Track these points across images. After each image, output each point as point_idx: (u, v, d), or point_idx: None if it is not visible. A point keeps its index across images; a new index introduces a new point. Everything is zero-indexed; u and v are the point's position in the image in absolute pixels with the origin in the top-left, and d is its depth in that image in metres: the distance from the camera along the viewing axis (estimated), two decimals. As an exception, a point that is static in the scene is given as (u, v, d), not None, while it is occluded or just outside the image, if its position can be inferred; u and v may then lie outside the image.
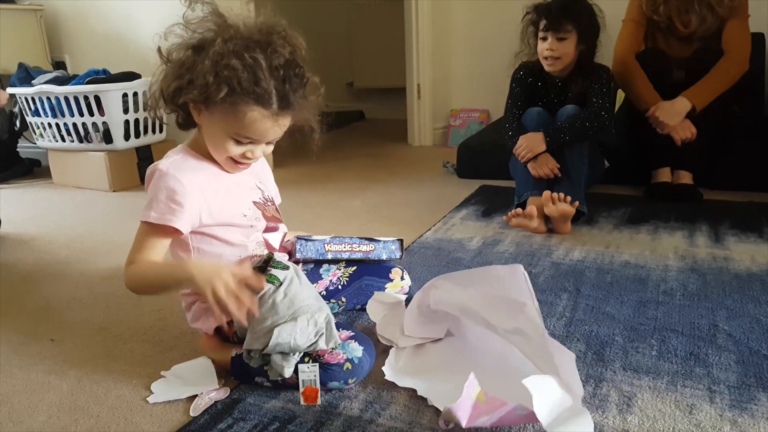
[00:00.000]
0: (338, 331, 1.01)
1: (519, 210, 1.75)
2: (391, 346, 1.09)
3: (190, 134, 1.08)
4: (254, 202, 1.10)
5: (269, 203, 1.16)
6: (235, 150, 1.00)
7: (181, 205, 0.97)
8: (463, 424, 0.83)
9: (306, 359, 0.96)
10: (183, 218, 0.98)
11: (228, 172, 1.06)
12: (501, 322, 0.92)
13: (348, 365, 0.97)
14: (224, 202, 1.04)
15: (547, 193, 1.69)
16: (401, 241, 1.28)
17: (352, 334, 1.02)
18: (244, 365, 0.99)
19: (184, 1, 0.97)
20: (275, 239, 1.15)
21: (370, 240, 1.25)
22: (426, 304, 1.04)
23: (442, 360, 1.05)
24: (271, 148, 1.04)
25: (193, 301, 1.10)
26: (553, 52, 1.83)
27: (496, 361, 1.00)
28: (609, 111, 1.84)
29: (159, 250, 0.99)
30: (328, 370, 0.96)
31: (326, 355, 0.97)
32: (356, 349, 0.98)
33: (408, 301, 1.17)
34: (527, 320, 0.89)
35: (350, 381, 0.97)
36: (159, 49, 0.98)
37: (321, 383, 0.95)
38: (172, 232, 0.99)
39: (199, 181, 1.01)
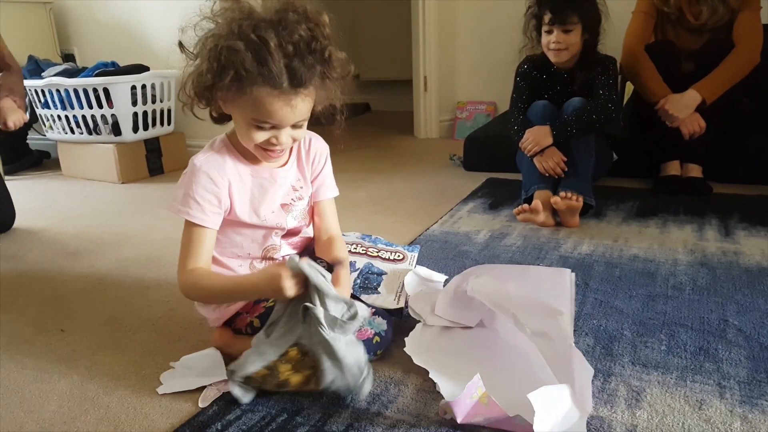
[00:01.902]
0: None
1: (525, 206, 1.75)
2: (419, 322, 1.10)
3: (227, 127, 1.06)
4: (282, 205, 1.08)
5: (299, 202, 1.10)
6: (260, 137, 0.95)
7: (210, 203, 0.98)
8: (459, 420, 0.84)
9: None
10: (213, 214, 0.98)
11: (263, 161, 1.03)
12: (530, 322, 0.92)
13: (377, 338, 1.03)
14: (249, 202, 1.03)
15: (555, 199, 1.69)
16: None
17: (374, 309, 1.07)
18: None
19: None
20: (293, 242, 1.14)
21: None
22: (463, 290, 1.04)
23: (466, 348, 1.05)
24: (300, 132, 0.99)
25: None
26: (560, 44, 1.82)
27: (518, 360, 1.00)
28: (616, 103, 1.84)
29: (208, 247, 0.99)
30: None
31: (356, 334, 1.00)
32: (381, 323, 1.05)
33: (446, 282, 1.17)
34: (557, 327, 0.89)
35: (378, 352, 1.03)
36: (180, 44, 0.95)
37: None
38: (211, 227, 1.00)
39: (231, 177, 1.00)
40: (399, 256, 1.24)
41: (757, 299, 1.22)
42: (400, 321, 1.14)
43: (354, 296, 1.11)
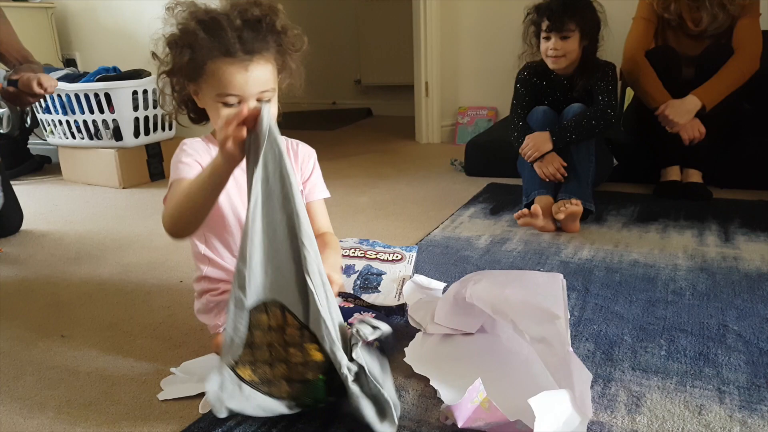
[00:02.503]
0: (360, 314, 1.04)
1: (525, 210, 1.75)
2: (419, 330, 1.10)
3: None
4: None
5: None
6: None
7: (196, 161, 1.01)
8: (459, 424, 0.84)
9: None
10: (194, 171, 1.00)
11: None
12: (529, 328, 0.92)
13: (376, 343, 1.00)
14: (236, 188, 1.05)
15: (556, 211, 1.71)
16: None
17: (375, 315, 1.06)
18: None
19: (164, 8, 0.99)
20: None
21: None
22: (462, 296, 1.04)
23: (467, 354, 1.05)
24: (270, 108, 0.98)
25: (207, 290, 1.10)
26: (557, 51, 1.83)
27: (520, 366, 1.00)
28: (615, 108, 1.84)
29: None
30: None
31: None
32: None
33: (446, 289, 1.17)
34: (555, 332, 0.89)
35: None
36: (153, 54, 1.01)
37: None
38: None
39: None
40: (397, 256, 1.25)
41: (756, 304, 1.23)
42: (401, 326, 1.14)
43: (355, 296, 1.11)
